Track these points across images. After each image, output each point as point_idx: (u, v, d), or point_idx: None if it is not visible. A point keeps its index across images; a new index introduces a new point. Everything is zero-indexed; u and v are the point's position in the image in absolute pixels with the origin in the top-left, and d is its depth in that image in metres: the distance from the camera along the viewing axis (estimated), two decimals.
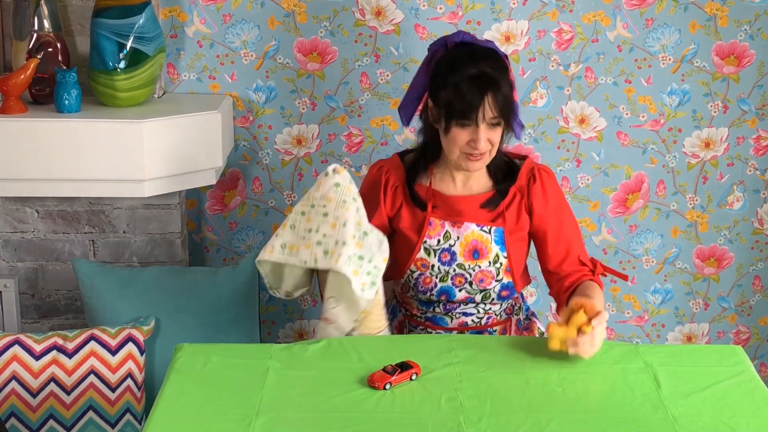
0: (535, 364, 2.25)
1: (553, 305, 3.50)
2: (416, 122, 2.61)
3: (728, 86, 3.29)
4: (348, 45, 3.23)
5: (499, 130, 2.43)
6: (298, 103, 3.28)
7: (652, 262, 3.46)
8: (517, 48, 3.24)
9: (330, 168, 2.36)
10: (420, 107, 2.57)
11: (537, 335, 2.69)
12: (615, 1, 3.21)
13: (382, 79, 3.26)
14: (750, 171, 3.38)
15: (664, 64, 3.27)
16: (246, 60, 3.24)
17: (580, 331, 2.21)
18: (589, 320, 2.22)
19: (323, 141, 3.32)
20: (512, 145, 3.29)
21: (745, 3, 3.22)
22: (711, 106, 3.31)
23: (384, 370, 2.16)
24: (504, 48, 3.23)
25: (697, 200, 3.40)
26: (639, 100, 3.30)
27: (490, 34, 3.22)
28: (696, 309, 3.52)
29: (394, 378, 2.13)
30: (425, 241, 2.53)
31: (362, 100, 3.28)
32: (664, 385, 2.16)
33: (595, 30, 3.23)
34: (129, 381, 2.87)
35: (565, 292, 2.53)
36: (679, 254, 3.46)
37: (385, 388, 2.12)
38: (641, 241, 3.44)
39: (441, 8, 3.20)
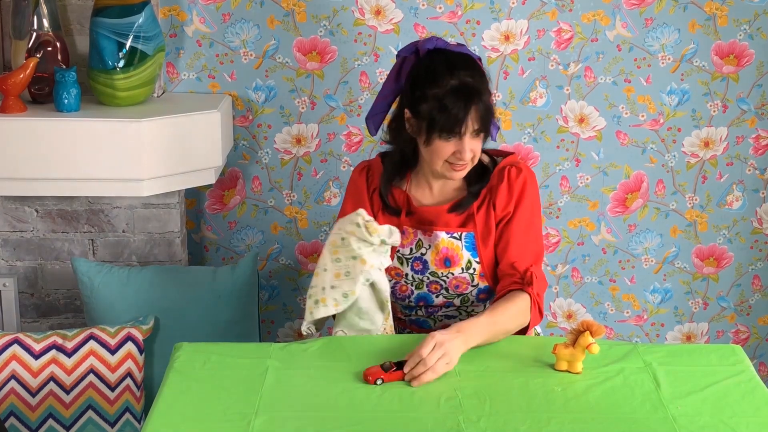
0: (534, 364, 2.25)
1: (557, 310, 3.51)
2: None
3: (728, 86, 3.29)
4: (347, 44, 3.23)
5: (481, 138, 2.38)
6: (298, 102, 3.28)
7: (652, 261, 3.46)
8: (517, 47, 3.24)
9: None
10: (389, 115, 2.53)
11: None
12: (614, 1, 3.21)
13: (381, 79, 3.25)
14: (749, 170, 3.38)
15: (663, 63, 3.27)
16: (245, 59, 3.24)
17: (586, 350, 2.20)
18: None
19: (323, 140, 3.32)
20: (512, 145, 3.30)
21: (745, 2, 3.21)
22: (710, 106, 3.31)
23: (381, 366, 2.15)
24: (503, 47, 3.23)
25: (696, 200, 3.40)
26: (638, 100, 3.29)
27: (490, 33, 3.22)
28: (695, 308, 3.51)
29: (386, 375, 2.13)
30: (398, 250, 2.49)
31: (362, 99, 3.28)
32: (664, 384, 2.15)
33: (594, 29, 3.23)
34: (128, 380, 2.87)
35: (493, 300, 2.45)
36: (679, 254, 3.46)
37: (376, 383, 2.12)
38: (640, 240, 3.44)
39: (440, 8, 3.20)
